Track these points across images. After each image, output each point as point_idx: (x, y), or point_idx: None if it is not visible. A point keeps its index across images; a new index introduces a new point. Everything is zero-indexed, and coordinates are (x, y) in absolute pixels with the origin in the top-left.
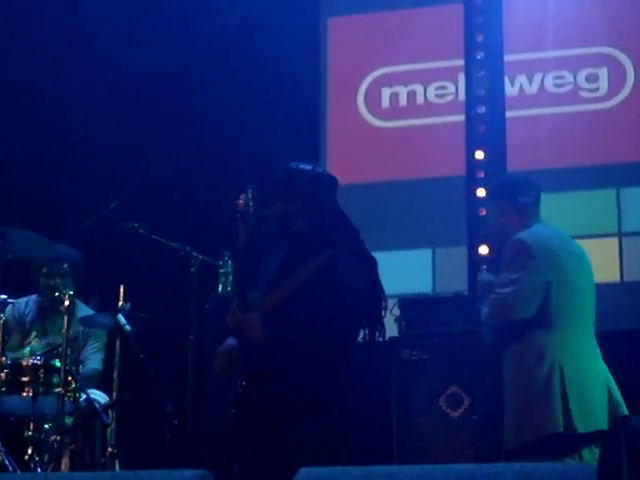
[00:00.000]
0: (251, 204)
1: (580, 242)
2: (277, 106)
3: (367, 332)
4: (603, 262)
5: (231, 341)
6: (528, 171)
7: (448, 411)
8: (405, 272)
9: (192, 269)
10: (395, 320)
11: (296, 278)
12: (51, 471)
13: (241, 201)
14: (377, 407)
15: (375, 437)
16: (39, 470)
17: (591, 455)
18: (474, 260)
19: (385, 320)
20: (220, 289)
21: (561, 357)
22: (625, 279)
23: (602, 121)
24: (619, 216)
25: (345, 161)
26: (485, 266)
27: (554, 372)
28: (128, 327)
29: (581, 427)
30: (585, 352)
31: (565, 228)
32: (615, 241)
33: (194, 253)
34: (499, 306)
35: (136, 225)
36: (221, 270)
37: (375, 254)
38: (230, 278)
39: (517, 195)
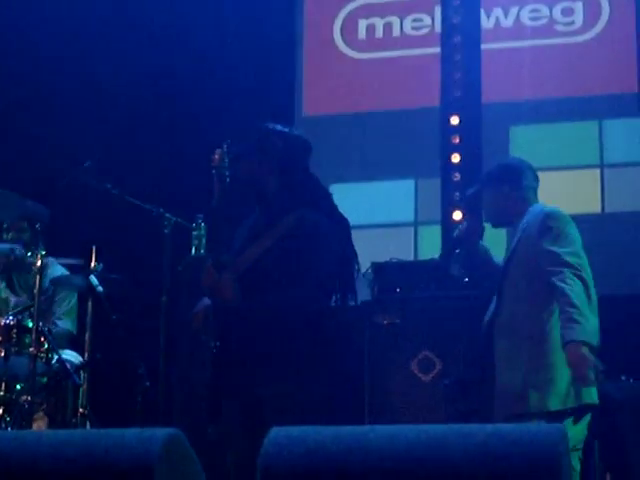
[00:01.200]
0: (226, 159)
1: (562, 173)
2: (252, 41)
3: (338, 295)
4: (585, 193)
5: (206, 301)
6: (507, 103)
7: (420, 375)
8: (388, 202)
9: (165, 231)
10: (368, 284)
11: (267, 238)
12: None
13: (216, 156)
14: (350, 371)
15: (347, 400)
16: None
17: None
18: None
19: (359, 284)
20: (193, 251)
21: None
22: (606, 210)
23: (578, 54)
24: (601, 148)
25: (322, 92)
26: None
27: None
28: (100, 288)
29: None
30: None
31: (548, 159)
32: (597, 172)
33: (167, 215)
34: (577, 278)
35: (109, 186)
36: (194, 232)
37: (358, 185)
38: (203, 241)
39: (522, 179)
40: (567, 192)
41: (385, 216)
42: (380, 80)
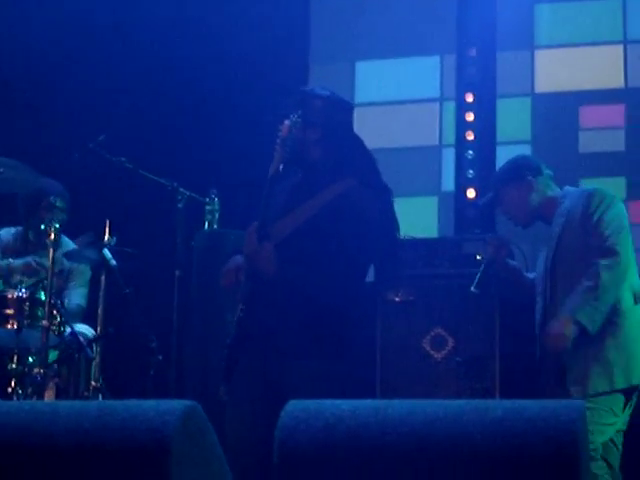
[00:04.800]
0: (294, 131)
1: (586, 49)
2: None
3: (379, 269)
4: (609, 68)
5: (239, 259)
6: None
7: (432, 352)
8: (413, 78)
9: (179, 205)
10: None
11: (311, 206)
12: None
13: (285, 127)
14: (362, 348)
15: (359, 376)
16: None
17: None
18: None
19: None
20: (206, 226)
21: None
22: (629, 85)
23: None
24: (624, 24)
25: None
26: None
27: None
28: (114, 262)
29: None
30: None
31: (572, 36)
32: (620, 48)
33: (181, 189)
34: (618, 270)
35: (123, 159)
36: (208, 207)
37: (384, 62)
38: (217, 215)
39: (541, 167)
40: (591, 67)
41: (411, 93)
42: None
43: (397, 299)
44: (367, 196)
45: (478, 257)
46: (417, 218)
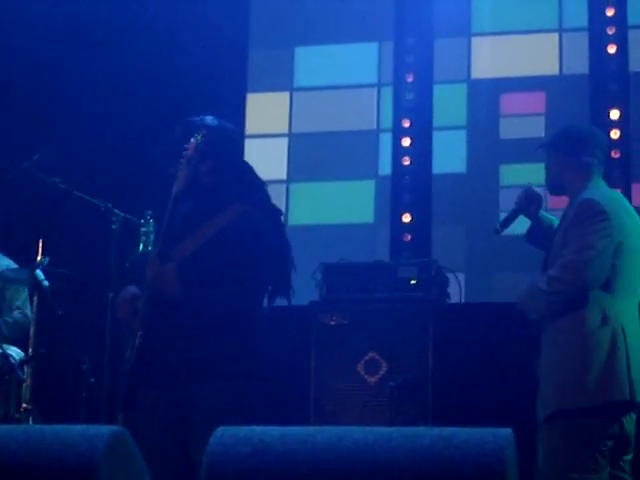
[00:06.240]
0: (199, 150)
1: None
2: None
3: (271, 295)
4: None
5: (133, 289)
6: None
7: (366, 377)
8: (352, 64)
9: (113, 226)
10: (317, 284)
11: (207, 230)
12: None
13: (191, 147)
14: (297, 371)
15: (292, 401)
16: None
17: (630, 422)
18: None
19: (307, 284)
20: (141, 248)
21: (623, 322)
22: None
23: None
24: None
25: None
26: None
27: (619, 337)
28: (46, 282)
29: (639, 396)
30: None
31: (509, 24)
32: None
33: (115, 210)
34: (573, 271)
35: (57, 180)
36: (142, 229)
37: (323, 47)
38: (151, 237)
39: (582, 154)
40: (528, 55)
41: (348, 79)
42: None
43: (332, 323)
44: (261, 219)
45: (412, 281)
46: (354, 202)
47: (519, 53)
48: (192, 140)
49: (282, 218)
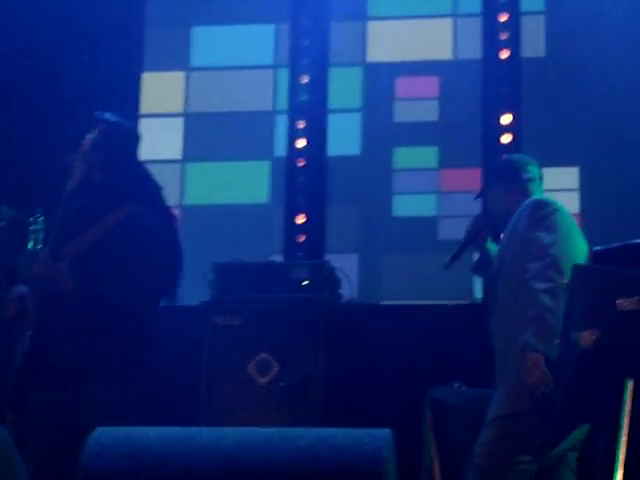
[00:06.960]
0: (95, 146)
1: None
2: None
3: (166, 296)
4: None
5: (22, 288)
6: None
7: (257, 377)
8: (248, 45)
9: (1, 224)
10: (209, 284)
11: (98, 229)
12: None
13: (87, 142)
14: (188, 372)
15: (183, 402)
16: None
17: None
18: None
19: (199, 284)
20: (30, 246)
21: None
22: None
23: None
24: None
25: None
26: None
27: None
28: None
29: None
30: None
31: (404, 9)
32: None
33: (3, 208)
34: (555, 267)
35: None
36: (32, 227)
37: (220, 28)
38: (41, 235)
39: (519, 173)
40: (423, 40)
41: (246, 59)
42: None
43: (224, 323)
44: (152, 220)
45: (305, 282)
46: (250, 182)
47: (414, 37)
48: (88, 135)
49: (175, 221)
